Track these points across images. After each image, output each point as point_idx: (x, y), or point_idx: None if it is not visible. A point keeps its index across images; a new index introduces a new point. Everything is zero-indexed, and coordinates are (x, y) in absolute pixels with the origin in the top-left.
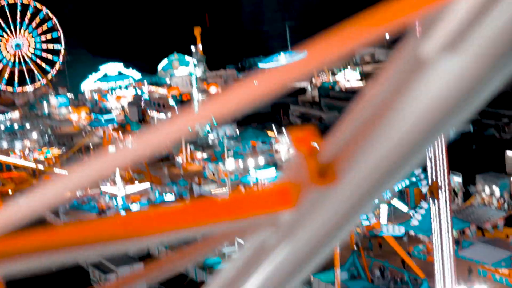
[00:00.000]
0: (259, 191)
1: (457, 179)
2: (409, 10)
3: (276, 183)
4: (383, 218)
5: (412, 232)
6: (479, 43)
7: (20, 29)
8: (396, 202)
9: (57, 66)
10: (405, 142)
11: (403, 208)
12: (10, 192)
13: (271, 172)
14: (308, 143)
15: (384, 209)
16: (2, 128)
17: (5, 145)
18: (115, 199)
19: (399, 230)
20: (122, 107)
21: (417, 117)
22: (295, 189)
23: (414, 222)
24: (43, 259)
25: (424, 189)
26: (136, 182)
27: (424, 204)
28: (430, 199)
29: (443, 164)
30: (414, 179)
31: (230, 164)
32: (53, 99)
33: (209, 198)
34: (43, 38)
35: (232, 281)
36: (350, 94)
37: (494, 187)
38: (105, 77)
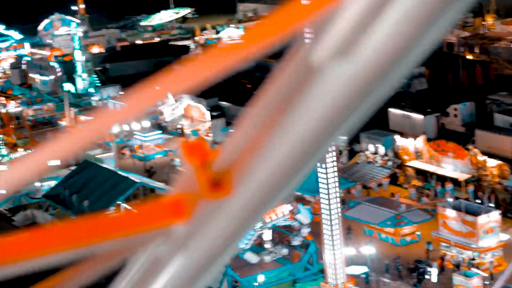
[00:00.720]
0: (152, 204)
1: (342, 138)
2: (300, 16)
3: (170, 195)
4: (246, 244)
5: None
6: (370, 48)
7: None
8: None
9: None
10: (299, 150)
11: (306, 219)
12: None
13: (156, 135)
14: (199, 154)
15: (253, 235)
16: None
17: None
18: None
19: (255, 259)
20: (3, 70)
21: (310, 125)
22: (189, 201)
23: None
24: None
25: None
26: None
27: None
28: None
29: None
30: None
31: (115, 127)
32: None
33: (99, 215)
34: None
35: None
36: None
37: (378, 145)
38: None
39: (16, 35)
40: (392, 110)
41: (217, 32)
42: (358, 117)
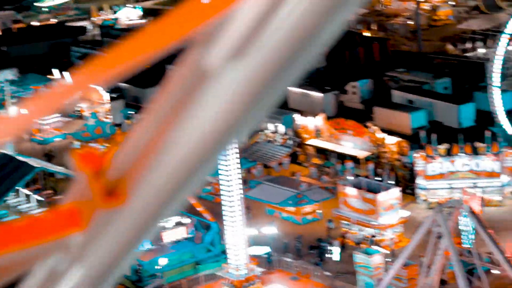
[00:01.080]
0: (46, 215)
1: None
2: (193, 20)
3: (64, 205)
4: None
5: None
6: (264, 50)
7: None
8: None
9: None
10: (194, 154)
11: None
12: None
13: (55, 117)
14: (92, 163)
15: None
16: None
17: None
18: None
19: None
20: None
21: (204, 129)
22: (84, 210)
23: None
24: None
25: None
26: None
27: None
28: None
29: None
30: None
31: (13, 111)
32: None
33: None
34: None
35: None
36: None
37: (277, 123)
38: None
39: None
40: (290, 88)
41: (114, 12)
42: (257, 117)
